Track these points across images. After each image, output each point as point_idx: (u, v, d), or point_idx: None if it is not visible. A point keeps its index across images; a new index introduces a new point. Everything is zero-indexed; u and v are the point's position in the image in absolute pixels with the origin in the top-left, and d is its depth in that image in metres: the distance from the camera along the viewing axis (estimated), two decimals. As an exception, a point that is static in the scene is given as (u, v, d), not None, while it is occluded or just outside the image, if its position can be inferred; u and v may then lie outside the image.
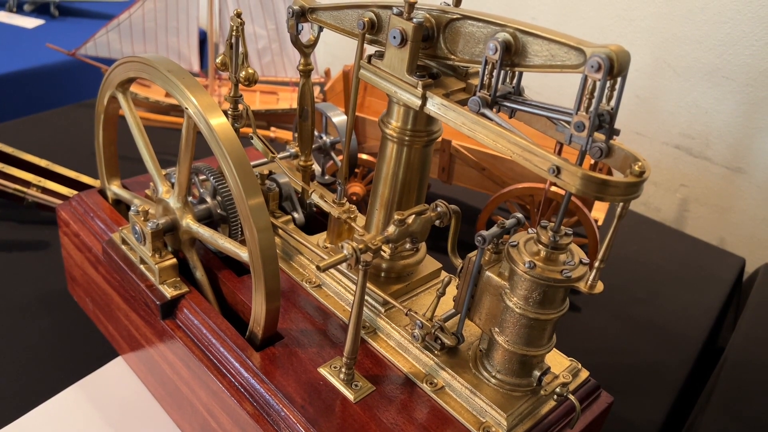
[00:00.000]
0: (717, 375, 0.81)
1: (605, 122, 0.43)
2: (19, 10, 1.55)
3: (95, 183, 0.87)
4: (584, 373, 0.57)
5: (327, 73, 1.07)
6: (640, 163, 0.42)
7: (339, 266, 0.61)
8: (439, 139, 0.88)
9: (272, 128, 1.06)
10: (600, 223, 0.89)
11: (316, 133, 0.71)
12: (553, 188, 0.82)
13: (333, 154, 0.74)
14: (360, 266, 0.46)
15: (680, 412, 0.78)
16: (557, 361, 0.56)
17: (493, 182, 0.88)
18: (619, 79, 0.42)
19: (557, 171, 0.43)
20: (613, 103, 0.43)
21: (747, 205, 1.08)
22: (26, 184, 0.85)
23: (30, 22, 1.51)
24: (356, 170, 0.95)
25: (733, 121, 1.05)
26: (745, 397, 0.78)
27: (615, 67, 0.40)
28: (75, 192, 0.85)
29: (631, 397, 0.76)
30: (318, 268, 0.48)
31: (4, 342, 0.70)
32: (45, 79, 1.28)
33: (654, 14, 1.06)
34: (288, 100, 1.16)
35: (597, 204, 0.90)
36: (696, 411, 0.76)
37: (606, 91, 0.42)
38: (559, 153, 0.48)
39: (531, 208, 0.85)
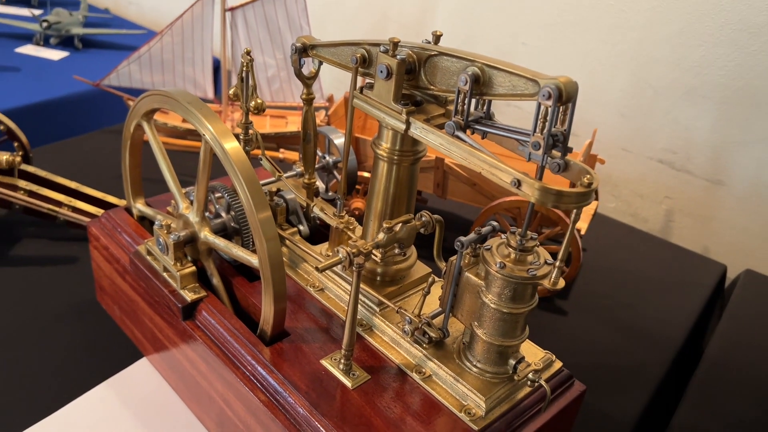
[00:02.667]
0: (696, 373, 0.88)
1: (559, 142, 0.50)
2: (46, 44, 1.66)
3: (120, 202, 0.95)
4: (558, 364, 0.64)
5: (330, 99, 1.15)
6: (588, 176, 0.49)
7: (340, 272, 0.68)
8: (433, 158, 0.96)
9: (281, 149, 1.14)
10: (583, 233, 0.96)
11: (319, 153, 0.78)
12: (538, 201, 0.89)
13: (335, 172, 0.82)
14: (353, 268, 0.54)
15: (657, 407, 0.84)
16: (533, 353, 0.63)
17: (484, 196, 0.95)
18: (569, 105, 0.49)
19: (518, 183, 0.50)
20: (565, 125, 0.50)
21: (727, 215, 1.14)
22: (58, 204, 0.93)
23: (56, 55, 1.61)
24: (358, 187, 1.03)
25: (711, 136, 1.11)
26: (721, 393, 0.84)
27: (564, 96, 0.47)
28: (102, 210, 0.94)
29: (611, 393, 0.82)
30: (317, 269, 0.56)
31: (40, 346, 0.77)
32: (71, 108, 1.38)
33: (634, 38, 1.14)
34: (296, 124, 1.24)
35: (581, 216, 0.97)
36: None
37: (559, 115, 0.50)
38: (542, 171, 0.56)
39: (519, 220, 0.92)
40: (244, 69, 0.67)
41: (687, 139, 1.13)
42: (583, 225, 0.96)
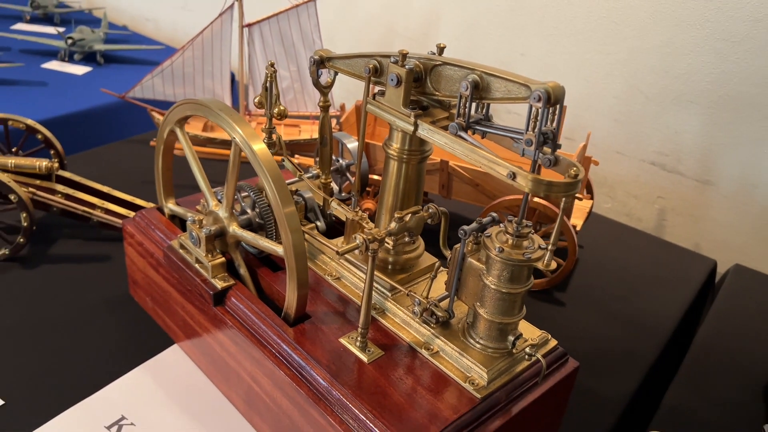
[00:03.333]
0: (685, 358, 0.94)
1: (549, 139, 0.56)
2: (70, 59, 1.74)
3: (147, 204, 1.02)
4: (553, 342, 0.70)
5: (342, 108, 1.22)
6: (574, 169, 0.56)
7: (355, 261, 0.75)
8: (438, 160, 1.03)
9: (296, 155, 1.21)
10: (578, 228, 1.03)
11: (333, 157, 0.85)
12: (536, 199, 0.96)
13: (348, 174, 0.88)
14: (369, 252, 0.60)
15: (649, 389, 0.90)
16: (530, 332, 0.69)
17: (486, 196, 1.02)
18: (558, 107, 0.56)
19: (514, 176, 0.56)
20: (554, 124, 0.56)
21: (717, 213, 1.21)
22: (92, 206, 1.00)
23: (79, 70, 1.69)
24: (368, 189, 1.09)
25: (700, 139, 1.18)
26: (709, 376, 0.90)
27: (552, 98, 0.54)
28: (131, 212, 1.01)
29: (605, 375, 0.88)
30: (337, 253, 0.62)
31: (78, 336, 0.84)
32: (97, 119, 1.45)
33: (627, 48, 1.21)
34: (308, 132, 1.31)
35: (575, 213, 1.04)
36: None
37: (549, 116, 0.57)
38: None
39: (515, 215, 0.99)
40: (269, 79, 0.75)
41: (677, 142, 1.20)
42: (578, 222, 1.03)
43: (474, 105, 0.62)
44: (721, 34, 1.10)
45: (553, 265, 0.61)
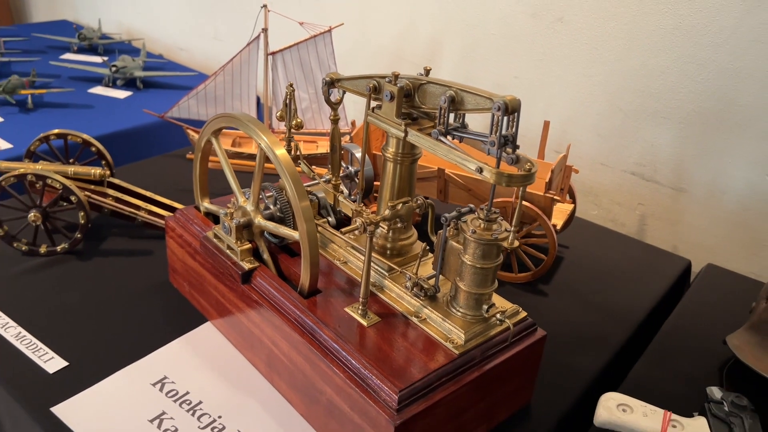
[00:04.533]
0: (653, 340, 1.05)
1: (509, 141, 0.70)
2: (113, 85, 1.92)
3: (182, 207, 1.17)
4: (523, 313, 0.82)
5: (353, 124, 1.36)
6: (529, 164, 0.69)
7: (359, 248, 0.89)
8: (435, 169, 1.17)
9: (313, 167, 1.35)
10: (558, 227, 1.15)
11: (343, 164, 0.99)
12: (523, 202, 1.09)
13: (357, 179, 1.02)
14: (367, 233, 0.74)
15: (617, 365, 1.01)
16: (504, 304, 0.82)
17: (477, 199, 1.15)
18: (515, 115, 0.69)
19: (481, 170, 0.70)
20: (513, 130, 0.70)
21: (691, 217, 1.32)
22: (137, 208, 1.15)
23: (121, 94, 1.87)
24: (375, 195, 1.23)
25: (673, 151, 1.30)
26: (672, 354, 1.01)
27: (509, 108, 0.67)
28: (170, 214, 1.16)
29: (578, 352, 0.99)
30: (341, 232, 0.76)
31: (126, 314, 0.98)
32: (138, 137, 1.62)
33: (607, 71, 1.34)
34: (325, 147, 1.46)
35: (556, 214, 1.16)
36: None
37: (510, 122, 0.70)
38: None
39: (505, 216, 1.12)
40: (288, 97, 0.90)
41: (653, 154, 1.32)
42: (558, 222, 1.15)
43: (453, 115, 0.76)
44: (688, 57, 1.23)
45: (516, 243, 0.74)
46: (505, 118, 0.68)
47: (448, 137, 0.75)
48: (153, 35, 2.34)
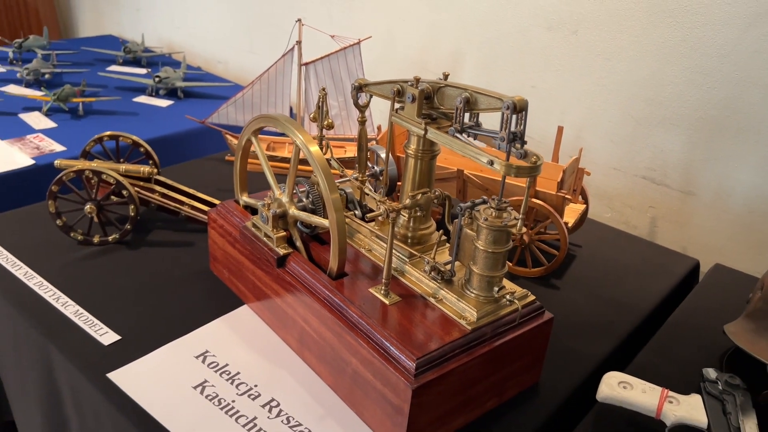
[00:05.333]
0: (659, 330, 1.10)
1: (517, 137, 0.77)
2: (156, 94, 2.04)
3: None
4: (531, 297, 0.89)
5: (379, 129, 1.45)
6: (535, 158, 0.77)
7: (383, 237, 0.96)
8: (455, 170, 1.24)
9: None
10: (570, 225, 1.22)
11: (369, 164, 1.08)
12: (533, 200, 1.16)
13: (381, 177, 1.11)
14: (389, 219, 0.82)
15: (622, 352, 1.07)
16: (514, 288, 0.89)
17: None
18: (523, 113, 0.77)
19: (491, 162, 0.78)
20: (521, 127, 0.77)
21: (699, 219, 1.37)
22: (181, 203, 1.25)
23: (163, 103, 1.99)
24: (396, 194, 1.31)
25: (682, 156, 1.36)
26: (675, 343, 1.06)
27: (517, 107, 0.75)
28: (210, 209, 1.25)
29: (585, 339, 1.05)
30: (366, 217, 0.84)
31: (171, 297, 1.06)
32: (180, 141, 1.73)
33: (619, 81, 1.41)
34: (352, 151, 1.55)
35: (568, 213, 1.23)
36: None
37: (518, 120, 0.78)
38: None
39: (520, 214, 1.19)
40: (320, 100, 0.98)
41: (663, 159, 1.38)
42: (570, 220, 1.22)
43: (468, 115, 0.84)
44: (695, 68, 1.29)
45: (523, 230, 0.82)
46: (514, 116, 0.76)
47: (464, 134, 0.83)
48: (192, 49, 2.46)
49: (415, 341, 0.79)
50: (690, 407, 0.83)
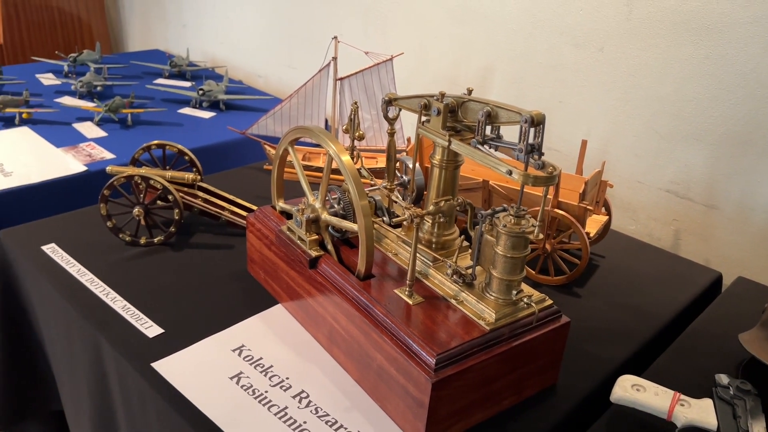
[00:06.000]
0: (678, 338, 1.13)
1: (534, 149, 0.82)
2: (199, 107, 2.13)
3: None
4: (549, 301, 0.93)
5: (409, 140, 1.51)
6: (551, 168, 0.81)
7: (408, 242, 1.02)
8: (481, 180, 1.29)
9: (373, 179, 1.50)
10: (592, 235, 1.25)
11: (399, 174, 1.13)
12: (556, 210, 1.20)
13: (409, 186, 1.16)
14: (413, 224, 0.87)
15: (641, 358, 1.10)
16: (531, 292, 0.93)
17: (518, 208, 1.26)
18: (540, 126, 0.81)
19: (510, 172, 0.82)
20: (539, 139, 0.82)
21: (722, 233, 1.39)
22: (221, 208, 1.33)
23: (206, 114, 2.08)
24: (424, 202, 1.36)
25: (706, 170, 1.38)
26: (693, 350, 1.08)
27: (535, 121, 0.80)
28: (248, 213, 1.32)
29: (604, 345, 1.08)
30: (391, 223, 0.90)
31: (211, 295, 1.13)
32: (221, 151, 1.81)
33: (644, 96, 1.44)
34: (383, 162, 1.60)
35: (590, 223, 1.27)
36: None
37: (536, 133, 0.82)
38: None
39: (543, 224, 1.23)
40: (353, 113, 1.05)
41: (687, 173, 1.41)
42: (591, 230, 1.25)
43: (489, 128, 0.89)
44: (718, 84, 1.31)
45: (540, 236, 0.86)
46: (532, 129, 0.81)
47: (485, 146, 0.88)
48: (235, 63, 2.56)
49: (436, 339, 0.84)
50: (701, 410, 0.86)
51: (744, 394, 0.87)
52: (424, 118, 0.96)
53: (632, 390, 0.90)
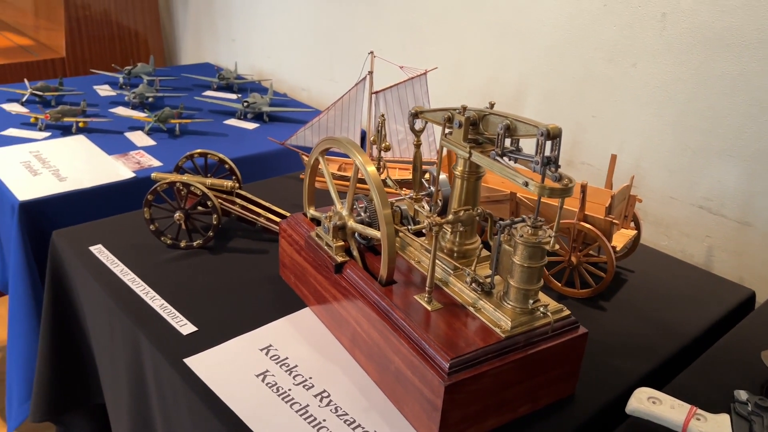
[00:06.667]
0: (703, 354, 1.11)
1: (551, 161, 0.84)
2: (244, 118, 2.21)
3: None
4: (566, 312, 0.94)
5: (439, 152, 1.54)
6: (566, 180, 0.83)
7: (427, 248, 1.04)
8: (509, 192, 1.31)
9: (404, 189, 1.53)
10: (618, 249, 1.25)
11: (426, 184, 1.16)
12: (583, 223, 1.21)
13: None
14: (432, 232, 0.90)
15: (662, 373, 1.09)
16: (549, 302, 0.95)
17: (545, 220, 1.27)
18: (557, 140, 0.83)
19: (527, 183, 0.84)
20: (555, 152, 0.84)
21: (756, 250, 1.36)
22: (258, 215, 1.38)
23: (250, 125, 2.15)
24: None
25: (739, 186, 1.36)
26: (718, 368, 1.07)
27: (551, 134, 0.82)
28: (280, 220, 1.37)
29: (625, 358, 1.08)
30: (409, 229, 0.93)
31: (244, 296, 1.18)
32: (262, 161, 1.88)
33: (677, 112, 1.43)
34: (417, 174, 1.63)
35: (617, 237, 1.26)
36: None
37: (552, 146, 0.84)
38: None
39: (568, 236, 1.24)
40: (380, 125, 1.08)
41: (720, 189, 1.39)
42: (618, 244, 1.25)
43: (509, 140, 0.91)
44: (751, 101, 1.30)
45: (556, 246, 0.87)
46: (548, 142, 0.83)
47: (504, 158, 0.90)
48: (280, 77, 2.64)
49: (452, 344, 0.86)
50: (717, 425, 0.86)
51: (762, 410, 0.86)
52: (447, 131, 0.99)
53: (648, 402, 0.90)
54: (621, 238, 1.28)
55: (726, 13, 1.30)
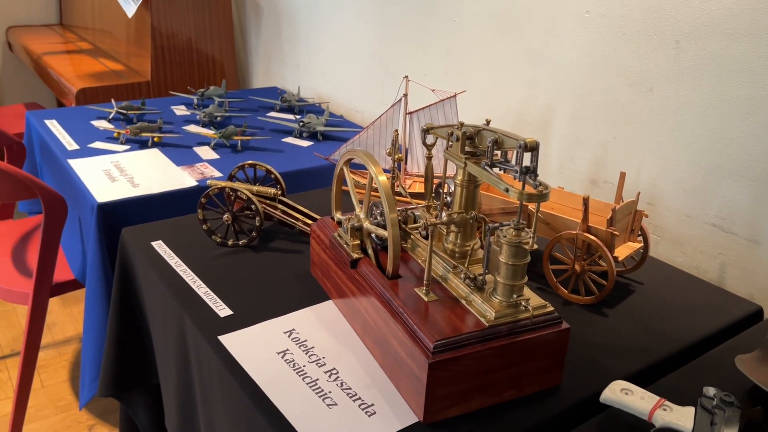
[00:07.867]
0: (696, 359, 1.17)
1: (530, 171, 0.94)
2: (300, 136, 2.40)
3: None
4: (550, 308, 1.04)
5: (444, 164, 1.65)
6: (542, 187, 0.93)
7: (435, 252, 1.16)
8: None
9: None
10: (621, 259, 1.32)
11: (443, 194, 1.28)
12: (586, 234, 1.29)
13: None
14: (427, 232, 1.02)
15: (650, 374, 1.15)
16: (532, 297, 1.04)
17: (553, 231, 1.36)
18: (534, 152, 0.94)
19: (507, 189, 0.95)
20: (533, 163, 0.94)
21: (765, 268, 1.40)
22: (296, 219, 1.54)
23: (305, 143, 2.33)
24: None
25: (749, 205, 1.40)
26: (707, 373, 1.12)
27: (528, 146, 0.93)
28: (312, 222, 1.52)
29: (616, 359, 1.14)
30: (408, 230, 1.05)
31: (278, 288, 1.33)
32: (312, 174, 2.05)
33: (690, 134, 1.48)
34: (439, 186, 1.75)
35: (621, 248, 1.33)
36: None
37: (531, 157, 0.94)
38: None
39: (573, 246, 1.32)
40: (394, 140, 1.22)
41: (731, 208, 1.43)
42: (621, 255, 1.32)
43: (499, 153, 1.02)
44: (760, 123, 1.34)
45: (535, 246, 0.98)
46: (527, 153, 0.94)
47: (494, 168, 1.02)
48: (337, 100, 2.83)
49: (438, 328, 0.98)
50: (681, 415, 0.93)
51: (726, 405, 0.92)
52: (449, 144, 1.11)
53: (620, 393, 0.98)
54: (625, 250, 1.35)
55: (734, 42, 1.37)
